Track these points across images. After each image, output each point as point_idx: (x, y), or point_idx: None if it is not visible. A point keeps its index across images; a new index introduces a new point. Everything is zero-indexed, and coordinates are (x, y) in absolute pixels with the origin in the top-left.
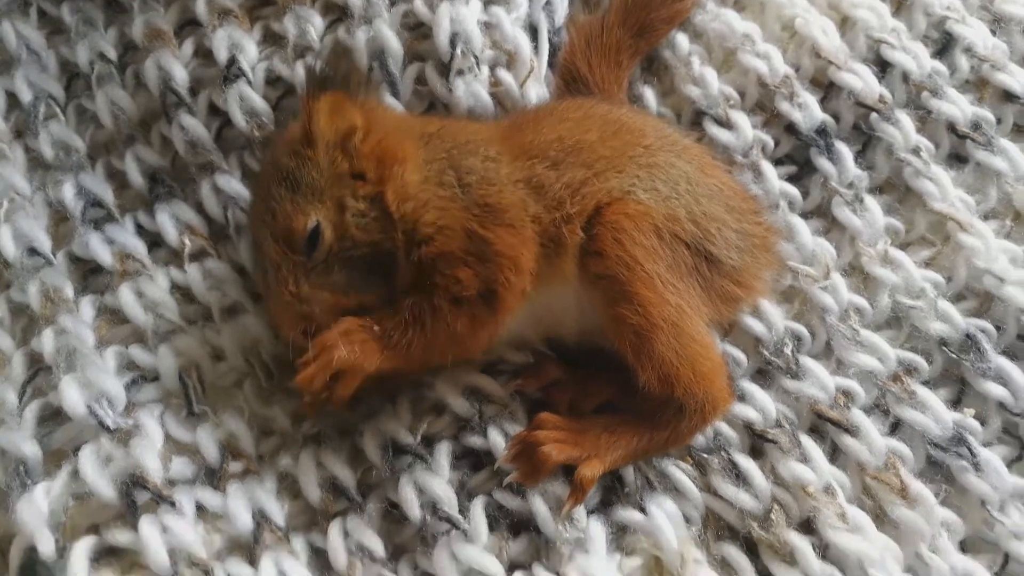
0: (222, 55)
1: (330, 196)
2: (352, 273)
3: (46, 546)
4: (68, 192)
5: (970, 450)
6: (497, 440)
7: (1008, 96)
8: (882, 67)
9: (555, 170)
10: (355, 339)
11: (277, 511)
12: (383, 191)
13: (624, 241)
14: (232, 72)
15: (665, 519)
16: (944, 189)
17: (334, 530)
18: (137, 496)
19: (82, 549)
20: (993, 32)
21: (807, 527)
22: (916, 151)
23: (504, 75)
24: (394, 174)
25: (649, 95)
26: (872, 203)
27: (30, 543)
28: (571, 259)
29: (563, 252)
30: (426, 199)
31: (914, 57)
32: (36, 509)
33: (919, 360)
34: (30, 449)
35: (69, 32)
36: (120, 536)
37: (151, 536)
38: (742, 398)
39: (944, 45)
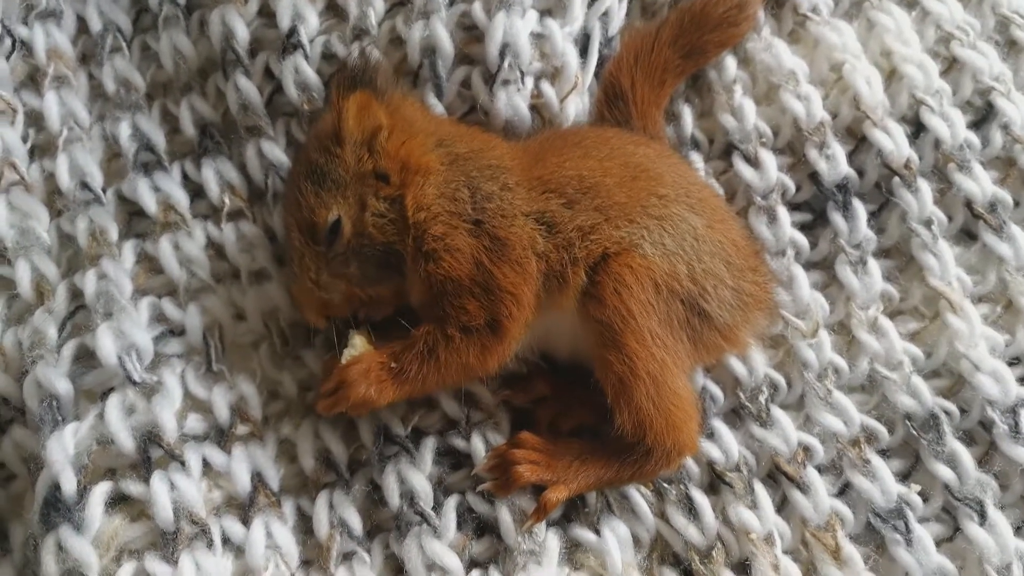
0: (284, 22)
1: (353, 192)
2: (367, 267)
3: (68, 486)
4: (124, 131)
5: (906, 525)
6: (478, 447)
7: None
8: (917, 127)
9: (569, 209)
10: (373, 379)
11: (273, 476)
12: (403, 195)
13: (623, 294)
14: (291, 42)
15: (615, 543)
16: (945, 266)
17: (321, 501)
18: (152, 452)
19: (99, 495)
20: None
21: (743, 569)
22: (928, 223)
23: (547, 88)
24: (415, 182)
25: (687, 114)
26: (874, 267)
27: (56, 481)
28: (572, 295)
29: (565, 288)
30: (437, 212)
31: (950, 125)
32: (63, 449)
33: (881, 429)
34: (63, 387)
35: None
36: (133, 487)
37: (160, 492)
38: (710, 436)
39: (984, 116)
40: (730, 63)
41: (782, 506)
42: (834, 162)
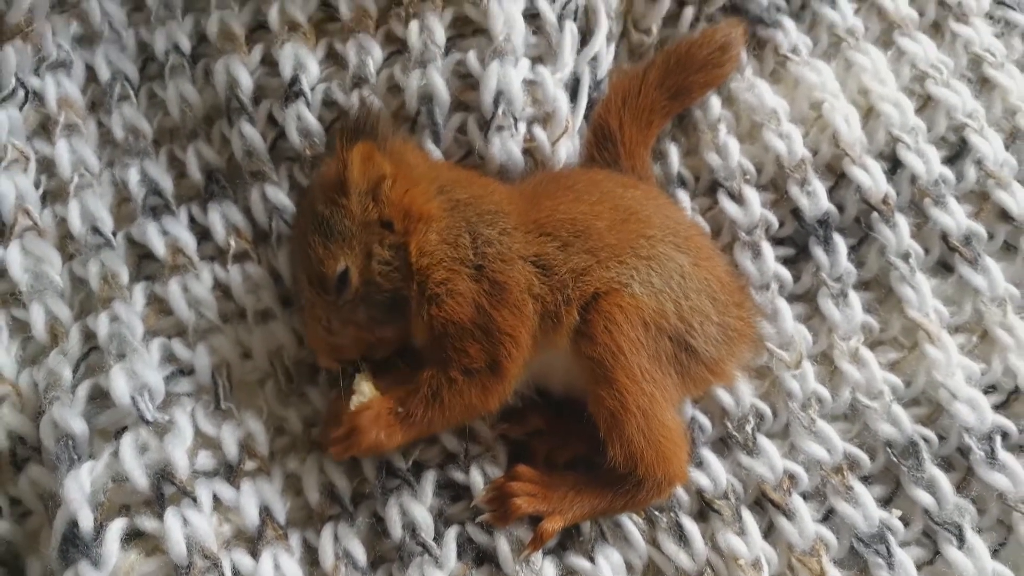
0: (286, 72)
1: (359, 242)
2: (374, 312)
3: (86, 523)
4: (133, 177)
5: (888, 549)
6: (477, 480)
7: (1004, 215)
8: (894, 164)
9: (563, 252)
10: (382, 424)
11: (280, 510)
12: (407, 242)
13: (613, 332)
14: (293, 90)
15: (609, 570)
16: (923, 298)
17: (326, 533)
18: (165, 489)
19: (115, 531)
20: (1007, 146)
21: None
22: (906, 256)
23: (539, 133)
24: (419, 229)
25: (673, 153)
26: (855, 299)
27: (73, 518)
28: (565, 334)
29: (559, 327)
30: (440, 258)
31: (926, 162)
32: (80, 487)
33: (863, 456)
34: (79, 426)
35: (149, 12)
36: (147, 523)
37: (173, 527)
38: (699, 464)
39: (958, 152)
40: (715, 103)
41: (769, 532)
42: (815, 198)
